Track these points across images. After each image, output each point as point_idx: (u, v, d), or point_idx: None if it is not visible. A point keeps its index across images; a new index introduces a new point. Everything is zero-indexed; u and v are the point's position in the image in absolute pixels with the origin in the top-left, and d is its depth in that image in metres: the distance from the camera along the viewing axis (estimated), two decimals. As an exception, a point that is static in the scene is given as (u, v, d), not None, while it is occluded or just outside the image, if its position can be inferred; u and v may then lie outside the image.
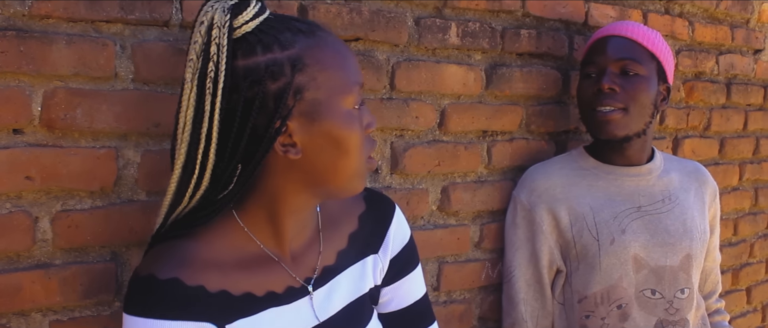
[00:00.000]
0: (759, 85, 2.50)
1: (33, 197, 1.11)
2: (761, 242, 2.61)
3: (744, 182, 2.49)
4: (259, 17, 0.97)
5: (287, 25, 0.98)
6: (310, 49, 0.97)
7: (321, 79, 0.97)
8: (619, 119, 1.60)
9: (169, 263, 0.97)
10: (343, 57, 1.01)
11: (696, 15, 2.23)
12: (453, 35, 1.60)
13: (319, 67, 0.97)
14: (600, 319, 1.59)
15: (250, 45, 0.95)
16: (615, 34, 1.65)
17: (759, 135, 2.53)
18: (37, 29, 1.09)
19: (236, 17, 0.95)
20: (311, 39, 0.98)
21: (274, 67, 0.95)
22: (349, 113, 1.00)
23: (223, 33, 0.94)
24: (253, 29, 0.96)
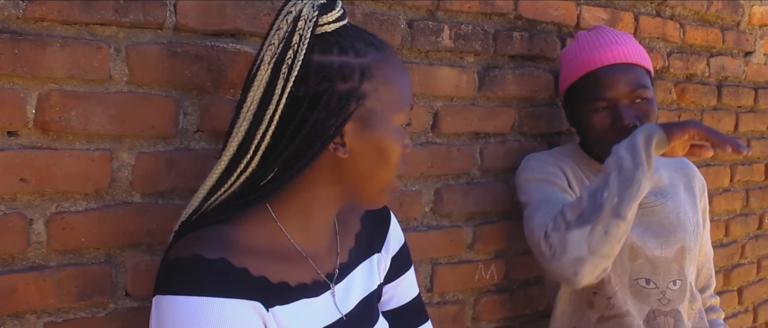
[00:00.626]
0: (749, 87, 2.52)
1: (27, 199, 1.11)
2: (752, 243, 2.63)
3: (735, 183, 2.51)
4: (340, 22, 1.04)
5: (363, 37, 1.06)
6: (379, 62, 1.04)
7: (383, 91, 1.04)
8: None
9: (214, 244, 0.98)
10: (404, 78, 1.08)
11: (687, 17, 2.24)
12: (446, 38, 1.61)
13: (383, 81, 1.04)
14: (606, 298, 1.61)
15: (328, 44, 1.02)
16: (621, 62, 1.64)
17: (750, 136, 2.55)
18: (31, 32, 1.09)
19: (322, 15, 1.01)
20: (381, 54, 1.05)
21: (346, 69, 1.01)
22: (397, 129, 1.06)
23: (309, 26, 1.00)
24: (332, 31, 1.03)
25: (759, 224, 2.66)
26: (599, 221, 1.42)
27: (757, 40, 2.54)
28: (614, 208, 1.41)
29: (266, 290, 1.00)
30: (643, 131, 1.41)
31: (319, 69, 1.00)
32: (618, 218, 1.41)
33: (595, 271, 1.45)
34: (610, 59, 1.64)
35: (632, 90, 1.61)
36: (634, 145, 1.41)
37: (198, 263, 0.95)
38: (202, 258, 0.96)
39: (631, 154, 1.41)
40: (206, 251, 0.97)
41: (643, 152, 1.40)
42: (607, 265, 1.46)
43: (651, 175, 1.42)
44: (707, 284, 1.87)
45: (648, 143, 1.41)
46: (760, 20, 2.52)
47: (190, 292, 0.93)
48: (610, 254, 1.43)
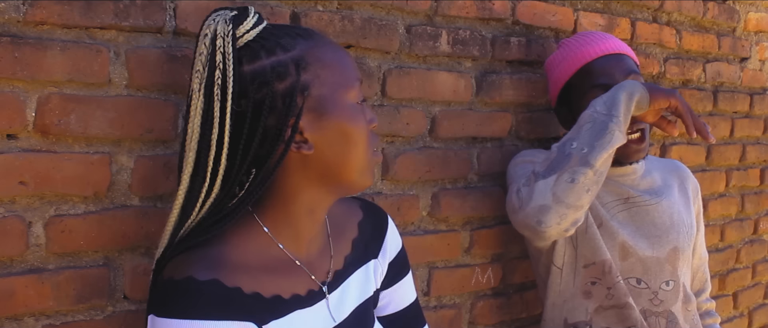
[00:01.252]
0: (745, 93, 2.53)
1: (26, 202, 1.11)
2: (748, 248, 2.64)
3: (730, 188, 2.52)
4: (258, 26, 1.03)
5: (285, 31, 1.04)
6: (310, 49, 1.03)
7: (324, 75, 1.02)
8: (645, 141, 1.64)
9: (206, 265, 0.98)
10: (341, 55, 1.06)
11: (683, 23, 2.25)
12: (444, 43, 1.62)
13: (321, 65, 1.02)
14: (606, 288, 1.61)
15: (254, 51, 1.00)
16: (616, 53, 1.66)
17: (745, 142, 2.56)
18: (31, 35, 1.09)
19: (238, 27, 1.00)
20: (309, 41, 1.04)
21: (280, 68, 1.00)
22: (353, 107, 1.04)
23: (228, 41, 0.99)
24: (254, 37, 1.02)
25: (754, 229, 2.67)
26: (566, 170, 1.43)
27: (753, 46, 2.55)
28: (582, 157, 1.42)
29: (260, 306, 1.00)
30: (627, 87, 1.44)
31: (254, 77, 0.99)
32: (585, 167, 1.42)
33: (562, 222, 1.45)
34: (603, 50, 1.66)
35: (626, 76, 1.64)
36: (613, 98, 1.44)
37: (191, 286, 0.95)
38: (195, 280, 0.95)
39: (608, 106, 1.44)
40: (198, 272, 0.96)
41: (622, 106, 1.43)
42: (576, 217, 1.45)
43: (625, 130, 1.44)
44: (703, 287, 1.87)
45: (629, 99, 1.44)
46: (755, 26, 2.54)
47: (184, 315, 0.92)
48: (578, 203, 1.44)
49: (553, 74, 1.74)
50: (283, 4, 1.35)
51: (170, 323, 0.93)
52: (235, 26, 1.00)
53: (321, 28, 1.40)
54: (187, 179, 1.01)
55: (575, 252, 1.63)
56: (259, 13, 1.05)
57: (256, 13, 1.04)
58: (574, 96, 1.68)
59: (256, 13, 1.04)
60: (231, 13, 1.01)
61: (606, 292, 1.61)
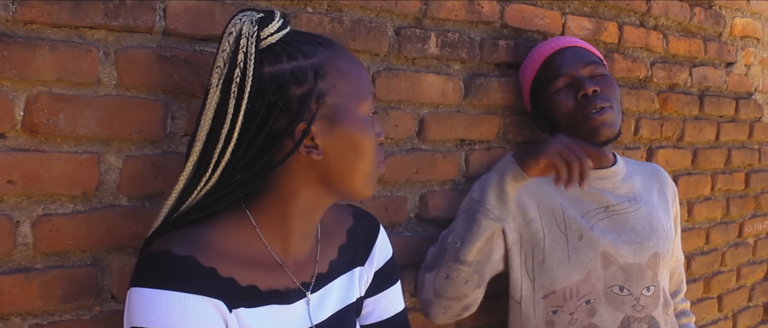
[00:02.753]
0: (731, 98, 2.55)
1: (14, 201, 1.11)
2: (732, 251, 2.67)
3: (716, 192, 2.54)
4: (282, 30, 1.05)
5: (308, 38, 1.07)
6: (330, 59, 1.05)
7: (340, 85, 1.05)
8: (611, 117, 1.65)
9: (185, 242, 1.01)
10: (358, 68, 1.09)
11: (670, 28, 2.27)
12: (432, 45, 1.63)
13: (339, 75, 1.05)
14: (568, 314, 1.61)
15: (276, 54, 1.03)
16: (567, 46, 1.72)
17: (731, 146, 2.58)
18: (20, 34, 1.09)
19: (263, 29, 1.02)
20: (330, 50, 1.06)
21: (299, 73, 1.02)
22: (364, 119, 1.07)
23: (251, 42, 1.01)
24: (277, 40, 1.04)
25: (739, 233, 2.70)
26: (442, 266, 1.52)
27: (739, 51, 2.57)
28: (454, 252, 1.50)
29: (232, 291, 1.01)
30: (497, 169, 1.47)
31: (272, 79, 1.01)
32: (458, 263, 1.50)
33: (448, 312, 1.55)
34: (560, 44, 1.73)
35: (587, 64, 1.68)
36: (485, 183, 1.47)
37: (166, 258, 0.98)
38: (171, 254, 0.98)
39: (480, 191, 1.48)
40: (176, 248, 0.99)
41: (490, 191, 1.45)
42: (465, 304, 1.53)
43: (503, 211, 1.45)
44: (678, 288, 1.89)
45: (501, 180, 1.45)
46: (741, 32, 2.56)
47: (155, 285, 0.95)
48: (459, 295, 1.52)
49: (522, 79, 1.78)
50: (273, 6, 1.36)
51: (143, 292, 0.95)
52: (261, 28, 1.02)
53: (310, 30, 1.40)
54: (191, 167, 1.04)
55: (532, 284, 1.63)
56: (284, 18, 1.07)
57: (282, 17, 1.06)
58: (541, 94, 1.72)
59: (282, 17, 1.06)
60: (257, 15, 1.03)
61: (569, 318, 1.61)
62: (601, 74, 1.68)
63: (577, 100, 1.65)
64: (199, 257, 0.99)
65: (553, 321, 1.62)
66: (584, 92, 1.64)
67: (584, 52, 1.71)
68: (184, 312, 0.95)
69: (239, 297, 1.02)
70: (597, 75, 1.68)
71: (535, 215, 1.63)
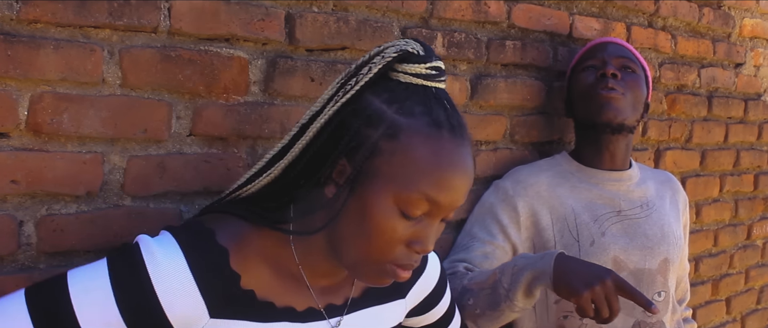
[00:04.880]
0: (740, 99, 2.54)
1: (18, 201, 1.11)
2: (741, 253, 2.65)
3: (724, 193, 2.52)
4: (423, 80, 0.96)
5: (435, 106, 0.95)
6: (416, 134, 0.93)
7: (397, 161, 0.93)
8: (620, 100, 1.68)
9: (230, 233, 1.00)
10: (438, 169, 0.93)
11: (679, 28, 2.26)
12: (439, 45, 1.62)
13: (406, 152, 0.93)
14: (579, 319, 1.61)
15: (387, 89, 0.96)
16: (612, 41, 1.78)
17: (739, 147, 2.57)
18: (24, 34, 1.09)
19: (402, 63, 0.96)
20: (429, 129, 0.94)
21: (376, 117, 0.94)
22: (391, 209, 0.93)
23: (380, 63, 0.96)
24: (406, 82, 0.96)
25: (747, 235, 2.68)
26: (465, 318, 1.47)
27: (748, 51, 2.56)
28: (474, 317, 1.44)
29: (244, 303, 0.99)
30: (533, 270, 1.34)
31: (359, 106, 0.96)
32: (474, 325, 1.46)
33: None
34: (605, 39, 1.80)
35: (620, 56, 1.74)
36: (518, 277, 1.35)
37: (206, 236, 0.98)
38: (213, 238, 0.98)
39: (511, 282, 1.37)
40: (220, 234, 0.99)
41: (519, 290, 1.35)
42: None
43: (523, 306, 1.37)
44: (683, 297, 1.90)
45: (532, 283, 1.34)
46: (750, 32, 2.54)
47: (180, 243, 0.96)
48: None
49: (568, 69, 1.85)
50: (278, 5, 1.35)
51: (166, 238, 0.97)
52: (401, 61, 0.96)
53: (316, 30, 1.40)
54: (270, 156, 1.03)
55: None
56: (438, 69, 0.97)
57: (438, 69, 0.97)
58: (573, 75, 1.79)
59: (438, 69, 0.97)
60: (412, 48, 0.96)
61: (579, 323, 1.61)
62: (631, 70, 1.73)
63: (596, 78, 1.71)
64: (232, 257, 0.98)
65: (564, 326, 1.61)
66: (603, 72, 1.69)
67: (624, 49, 1.77)
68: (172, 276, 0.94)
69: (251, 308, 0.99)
70: (627, 68, 1.73)
71: (548, 223, 1.63)
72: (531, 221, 1.64)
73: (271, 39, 1.34)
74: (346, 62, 1.47)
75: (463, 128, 0.97)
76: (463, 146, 0.95)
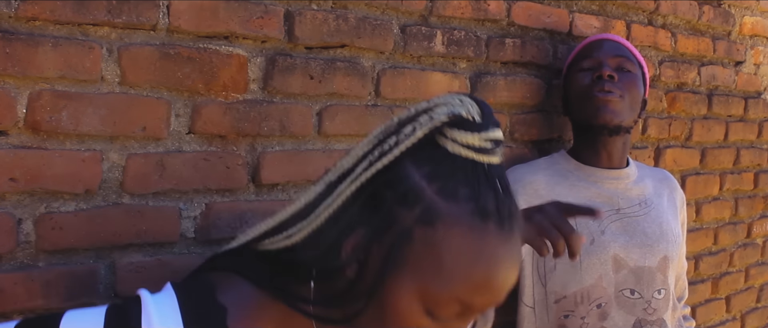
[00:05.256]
0: (740, 97, 2.53)
1: (16, 199, 1.10)
2: (741, 252, 2.65)
3: (724, 192, 2.52)
4: (476, 153, 0.80)
5: (487, 189, 0.79)
6: (456, 224, 0.78)
7: (428, 255, 0.78)
8: (617, 103, 1.67)
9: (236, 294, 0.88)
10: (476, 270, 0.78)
11: (678, 26, 2.25)
12: (438, 43, 1.62)
13: (438, 247, 0.78)
14: (580, 318, 1.61)
15: (430, 160, 0.80)
16: (608, 38, 1.76)
17: (739, 146, 2.56)
18: (23, 31, 1.09)
19: (452, 128, 0.80)
20: (472, 219, 0.78)
21: (412, 196, 0.79)
22: (417, 308, 0.80)
23: (426, 126, 0.80)
24: (456, 154, 0.80)
25: (747, 233, 2.68)
26: None
27: (748, 50, 2.55)
28: None
29: None
30: None
31: (396, 176, 0.80)
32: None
33: None
34: (600, 36, 1.78)
35: (616, 55, 1.72)
36: None
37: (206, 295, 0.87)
38: (212, 294, 0.86)
39: None
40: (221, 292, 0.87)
41: None
42: None
43: None
44: (682, 295, 1.89)
45: None
46: (750, 30, 2.54)
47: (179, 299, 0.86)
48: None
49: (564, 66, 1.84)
50: (277, 3, 1.35)
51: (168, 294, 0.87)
52: (451, 126, 0.80)
53: (315, 28, 1.40)
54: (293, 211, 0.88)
55: (544, 289, 1.64)
56: (495, 141, 0.81)
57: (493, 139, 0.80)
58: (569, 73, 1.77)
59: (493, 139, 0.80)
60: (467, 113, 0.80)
61: (580, 322, 1.61)
62: (627, 70, 1.72)
63: (592, 80, 1.70)
64: (231, 316, 0.86)
65: (565, 325, 1.62)
66: (600, 74, 1.68)
67: (620, 46, 1.75)
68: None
69: None
70: (623, 69, 1.72)
71: None
72: None
73: (270, 37, 1.34)
74: (345, 60, 1.46)
75: (514, 219, 0.81)
76: (510, 242, 0.79)
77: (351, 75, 1.47)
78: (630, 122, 1.71)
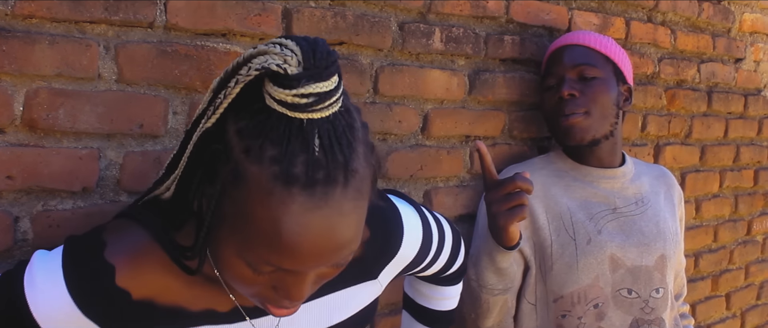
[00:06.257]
0: (739, 94, 2.53)
1: (13, 197, 1.10)
2: (741, 249, 2.64)
3: (724, 189, 2.52)
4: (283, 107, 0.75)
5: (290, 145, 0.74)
6: (256, 189, 0.75)
7: (236, 214, 0.77)
8: (582, 122, 1.64)
9: (124, 245, 0.89)
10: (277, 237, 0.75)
11: (678, 23, 2.25)
12: (437, 40, 1.61)
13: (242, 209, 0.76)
14: (577, 318, 1.60)
15: (249, 113, 0.77)
16: (568, 44, 1.71)
17: (739, 143, 2.56)
18: (20, 29, 1.09)
19: (268, 81, 0.75)
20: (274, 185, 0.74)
21: (225, 152, 0.77)
22: (238, 262, 0.80)
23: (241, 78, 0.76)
24: (270, 106, 0.75)
25: (747, 230, 2.67)
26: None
27: (748, 47, 2.55)
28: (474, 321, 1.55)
29: (144, 315, 0.90)
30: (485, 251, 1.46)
31: (219, 129, 0.79)
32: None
33: None
34: (561, 42, 1.73)
35: (575, 65, 1.67)
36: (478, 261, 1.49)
37: (92, 253, 0.89)
38: (100, 254, 0.88)
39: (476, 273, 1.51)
40: (110, 248, 0.89)
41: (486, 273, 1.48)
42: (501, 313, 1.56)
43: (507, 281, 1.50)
44: (680, 292, 1.89)
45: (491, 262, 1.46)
46: (750, 27, 2.54)
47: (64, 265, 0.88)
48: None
49: None
50: (275, 0, 1.35)
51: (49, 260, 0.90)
52: (268, 78, 0.75)
53: (313, 25, 1.39)
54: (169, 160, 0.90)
55: (545, 288, 1.63)
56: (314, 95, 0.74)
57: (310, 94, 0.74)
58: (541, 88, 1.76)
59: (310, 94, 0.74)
60: (277, 66, 0.74)
61: (577, 322, 1.61)
62: (591, 77, 1.66)
63: (555, 102, 1.67)
64: (119, 273, 0.88)
65: (562, 325, 1.61)
66: (560, 95, 1.65)
67: (581, 52, 1.68)
68: (51, 303, 0.87)
69: (149, 320, 0.91)
70: (586, 77, 1.66)
71: (544, 222, 1.63)
72: (529, 221, 1.64)
73: (268, 34, 1.33)
74: (343, 57, 1.46)
75: (332, 182, 0.75)
76: (321, 208, 0.74)
77: (349, 72, 1.47)
78: (606, 131, 1.67)
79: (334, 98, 0.75)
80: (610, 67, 1.70)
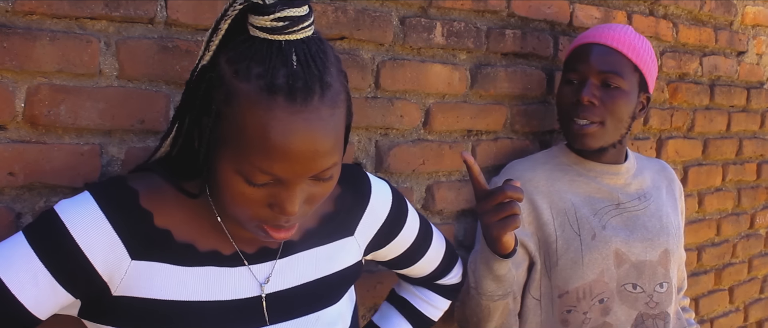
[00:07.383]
0: (742, 87, 2.53)
1: (15, 193, 1.11)
2: (744, 243, 2.64)
3: (727, 182, 2.51)
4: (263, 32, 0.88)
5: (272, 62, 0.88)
6: (246, 101, 0.87)
7: (231, 130, 0.89)
8: (595, 132, 1.62)
9: (144, 181, 1.00)
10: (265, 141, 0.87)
11: (680, 17, 2.25)
12: (438, 35, 1.61)
13: (236, 123, 0.88)
14: (582, 314, 1.60)
15: (235, 45, 0.90)
16: (600, 43, 1.64)
17: (742, 136, 2.56)
18: (20, 26, 1.09)
19: (250, 13, 0.89)
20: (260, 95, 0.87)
21: (217, 79, 0.90)
22: (235, 178, 0.91)
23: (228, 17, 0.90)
24: (253, 35, 0.89)
25: (750, 224, 2.67)
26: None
27: (750, 40, 2.54)
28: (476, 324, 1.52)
29: (162, 244, 0.99)
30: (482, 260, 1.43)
31: (212, 64, 0.92)
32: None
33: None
34: (593, 38, 1.66)
35: (603, 70, 1.62)
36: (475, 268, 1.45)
37: (117, 181, 0.99)
38: (123, 180, 1.00)
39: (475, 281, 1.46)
40: (133, 179, 1.00)
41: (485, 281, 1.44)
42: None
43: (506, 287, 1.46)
44: (681, 286, 1.89)
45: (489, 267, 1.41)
46: (752, 20, 2.53)
47: (92, 193, 0.97)
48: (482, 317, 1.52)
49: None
50: (276, -5, 1.35)
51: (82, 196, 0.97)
52: (250, 11, 0.88)
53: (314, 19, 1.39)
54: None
55: (550, 283, 1.63)
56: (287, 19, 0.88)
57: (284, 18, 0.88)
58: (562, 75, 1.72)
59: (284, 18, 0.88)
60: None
61: (582, 317, 1.61)
62: (615, 86, 1.62)
63: (573, 102, 1.64)
64: (143, 197, 0.99)
65: (567, 320, 1.61)
66: (579, 98, 1.62)
67: (610, 57, 1.62)
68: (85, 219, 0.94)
69: (165, 250, 0.99)
70: (610, 86, 1.62)
71: (548, 218, 1.62)
72: (533, 216, 1.63)
73: (268, 29, 1.33)
74: (344, 52, 1.46)
75: (310, 91, 0.87)
76: (302, 112, 0.87)
77: (350, 67, 1.47)
78: (615, 140, 1.66)
79: (306, 23, 0.89)
80: (636, 77, 1.65)
